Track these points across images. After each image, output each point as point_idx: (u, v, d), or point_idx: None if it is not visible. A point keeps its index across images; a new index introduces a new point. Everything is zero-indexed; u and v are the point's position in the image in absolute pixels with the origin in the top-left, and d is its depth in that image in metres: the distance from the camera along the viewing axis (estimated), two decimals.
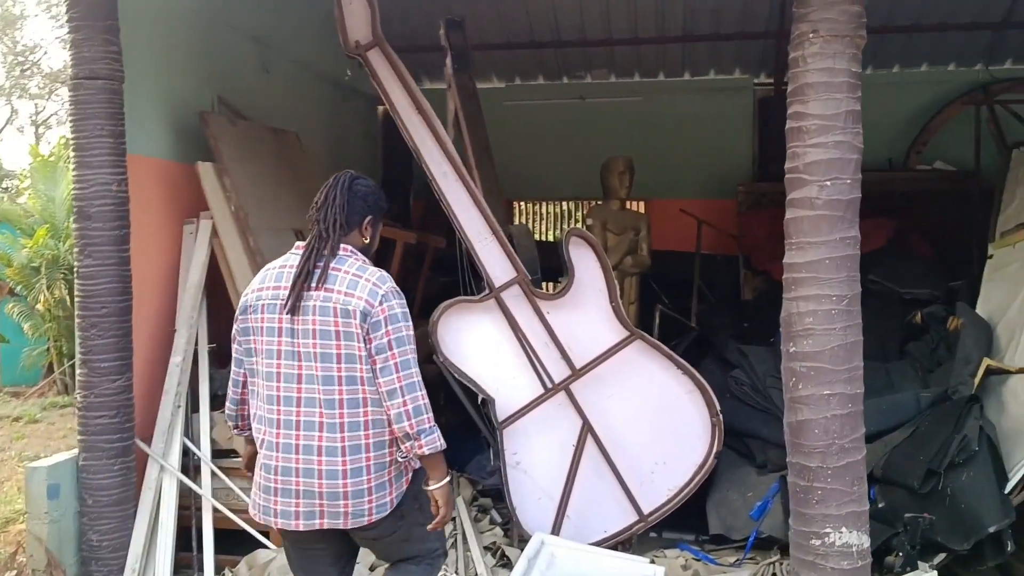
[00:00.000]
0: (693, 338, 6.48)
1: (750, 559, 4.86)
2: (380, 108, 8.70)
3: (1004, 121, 7.49)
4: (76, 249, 4.31)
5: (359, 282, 2.75)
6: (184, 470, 4.62)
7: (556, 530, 4.82)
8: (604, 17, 7.47)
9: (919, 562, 4.34)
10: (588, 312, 4.85)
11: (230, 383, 2.97)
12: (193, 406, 4.78)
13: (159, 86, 5.03)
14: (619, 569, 4.46)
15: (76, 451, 4.39)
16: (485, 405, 4.88)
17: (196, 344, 4.80)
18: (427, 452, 2.75)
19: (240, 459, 4.77)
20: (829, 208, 3.57)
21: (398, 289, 2.86)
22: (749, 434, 5.33)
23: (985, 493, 4.29)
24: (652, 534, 5.07)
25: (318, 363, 2.70)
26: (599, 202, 6.73)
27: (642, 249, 6.46)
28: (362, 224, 2.91)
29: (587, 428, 4.86)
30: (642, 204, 8.26)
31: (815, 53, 3.54)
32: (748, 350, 5.55)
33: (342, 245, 2.81)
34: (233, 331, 2.91)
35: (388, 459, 2.79)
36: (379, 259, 6.93)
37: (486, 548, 4.88)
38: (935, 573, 4.22)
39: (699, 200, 8.03)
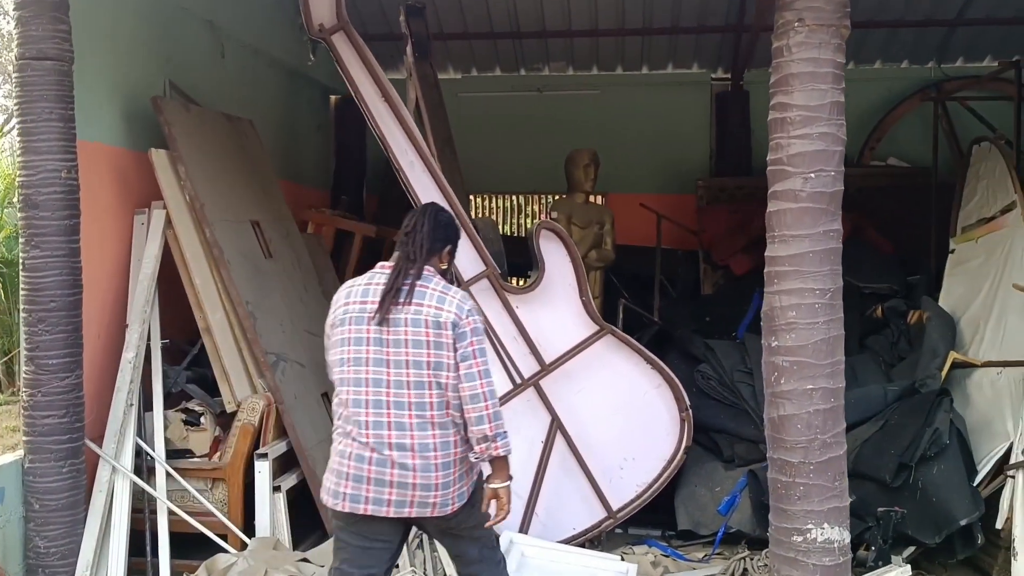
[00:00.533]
0: (655, 332, 6.43)
1: (718, 554, 4.83)
2: (333, 98, 8.48)
3: (961, 117, 7.58)
4: (22, 240, 4.07)
5: (446, 298, 3.06)
6: (137, 471, 4.41)
7: (525, 528, 4.73)
8: (564, 8, 7.38)
9: (891, 556, 4.35)
10: (558, 306, 4.77)
11: (337, 389, 3.19)
12: (146, 404, 4.57)
13: (109, 69, 4.79)
14: (591, 567, 4.39)
15: (21, 453, 4.14)
16: None
17: (149, 340, 4.59)
18: (501, 453, 3.06)
19: (196, 459, 4.60)
20: (813, 200, 3.53)
21: (478, 307, 3.23)
22: (716, 429, 5.30)
23: (956, 486, 4.32)
24: (619, 530, 5.02)
25: (410, 370, 2.99)
26: (562, 195, 6.64)
27: (607, 243, 6.39)
28: (443, 251, 3.22)
29: (556, 424, 4.77)
30: (599, 198, 8.19)
31: (800, 43, 3.49)
32: (714, 344, 5.51)
33: (425, 267, 3.10)
34: (326, 346, 3.17)
35: (467, 454, 3.09)
36: (336, 252, 6.81)
37: None
38: (908, 568, 4.22)
39: (658, 195, 7.98)
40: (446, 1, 7.22)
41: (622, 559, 4.79)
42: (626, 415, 4.83)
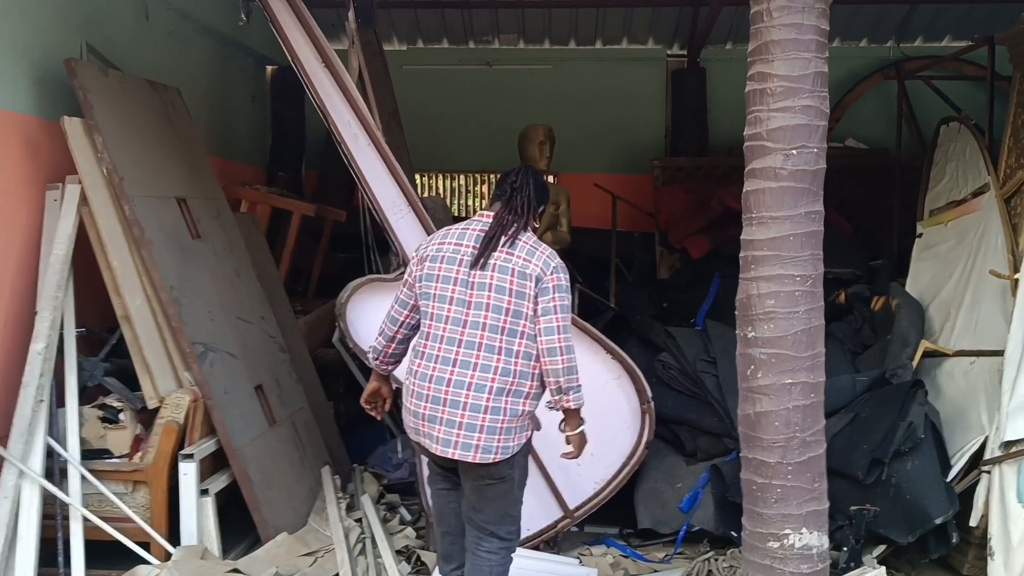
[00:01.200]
0: (611, 318, 6.16)
1: (680, 554, 4.61)
2: (269, 68, 8.00)
3: (919, 97, 7.43)
4: None
5: (536, 252, 3.21)
6: (48, 474, 3.99)
7: None
8: None
9: (865, 556, 4.15)
10: None
11: (387, 320, 3.37)
12: (58, 400, 4.13)
13: (18, 30, 4.30)
14: (550, 571, 4.12)
15: None
16: (399, 395, 4.40)
17: (62, 329, 4.15)
18: (573, 406, 3.25)
19: (115, 460, 4.19)
20: (794, 179, 3.24)
21: (564, 265, 3.28)
22: (678, 421, 5.06)
23: (930, 483, 4.13)
24: (575, 529, 4.76)
25: (489, 312, 3.14)
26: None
27: (562, 224, 6.09)
28: (538, 210, 3.37)
29: None
30: (551, 178, 7.88)
31: (781, 7, 3.19)
32: (676, 332, 5.25)
33: (521, 226, 3.26)
34: (408, 274, 3.33)
35: (522, 410, 3.18)
36: (272, 233, 6.38)
37: (399, 552, 4.43)
38: (882, 570, 4.02)
39: (613, 175, 7.74)
40: None
41: (580, 560, 4.55)
42: (585, 408, 4.54)
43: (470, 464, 3.16)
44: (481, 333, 3.13)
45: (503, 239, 3.20)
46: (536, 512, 4.53)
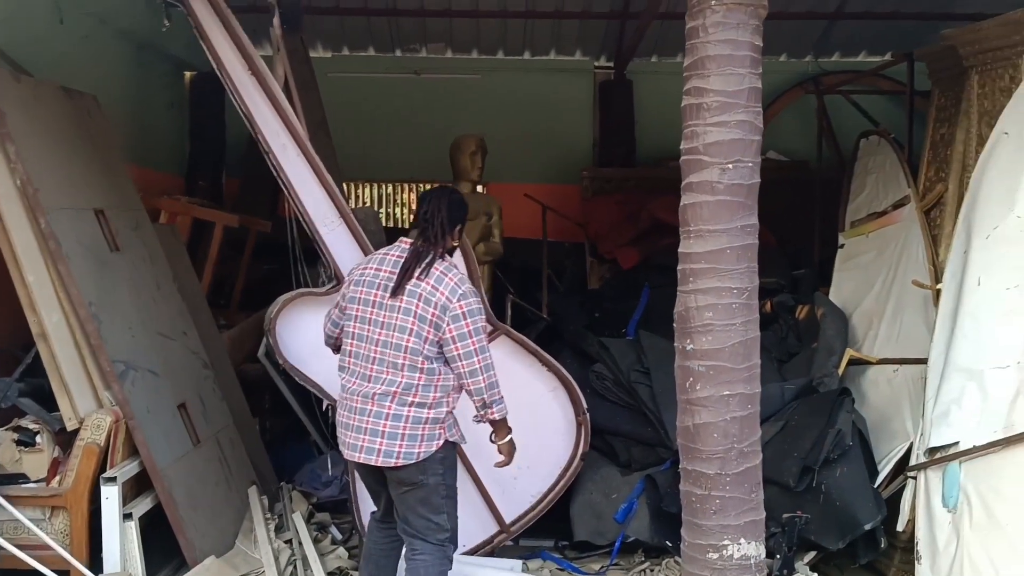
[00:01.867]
0: (543, 329, 6.14)
1: (616, 565, 4.61)
2: (188, 74, 7.77)
3: (837, 112, 7.63)
4: None
5: (444, 279, 3.43)
6: None
7: None
8: None
9: (796, 564, 4.20)
10: None
11: (329, 324, 3.67)
12: None
13: None
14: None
15: None
16: (331, 412, 4.30)
17: None
18: (498, 417, 3.56)
19: (32, 485, 4.00)
20: (730, 193, 3.28)
21: (474, 288, 3.55)
22: (612, 432, 5.05)
23: (859, 489, 4.21)
24: (511, 543, 4.72)
25: (395, 332, 3.40)
26: (448, 185, 6.26)
27: (494, 235, 6.06)
28: (454, 231, 3.58)
29: None
30: (481, 188, 7.83)
31: (717, 23, 3.23)
32: (609, 343, 5.26)
33: (435, 249, 3.49)
34: (340, 296, 3.62)
35: (425, 417, 3.41)
36: (193, 244, 6.18)
37: (330, 574, 4.33)
38: None
39: (543, 185, 7.73)
40: None
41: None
42: (520, 421, 4.43)
43: (386, 470, 3.44)
44: (390, 352, 3.40)
45: (417, 269, 3.44)
46: (472, 527, 4.47)
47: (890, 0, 6.99)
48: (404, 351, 3.38)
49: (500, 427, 3.61)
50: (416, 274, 3.41)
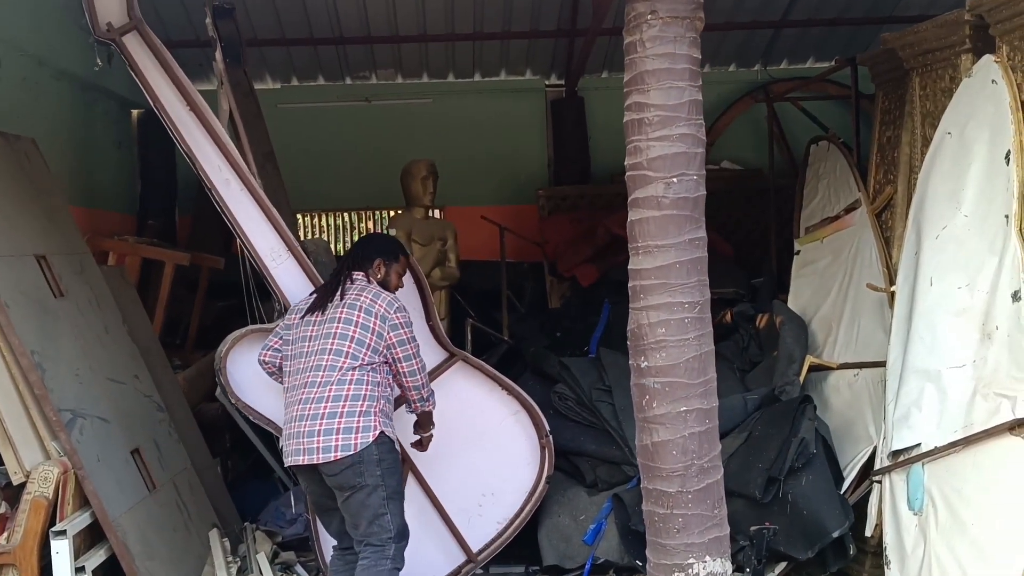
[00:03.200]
0: (504, 351, 6.09)
1: None
2: (135, 112, 7.66)
3: (789, 119, 7.69)
4: None
5: (381, 294, 3.84)
6: None
7: None
8: (388, 11, 6.93)
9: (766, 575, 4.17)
10: None
11: (269, 352, 3.91)
12: None
13: None
14: None
15: None
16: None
17: None
18: (431, 408, 4.00)
19: None
20: (676, 207, 3.26)
21: (403, 305, 3.90)
22: (576, 452, 4.98)
23: (825, 497, 4.19)
24: (480, 571, 4.63)
25: (335, 340, 3.70)
26: (400, 211, 6.21)
27: (450, 260, 6.00)
28: (373, 264, 3.94)
29: (407, 465, 4.34)
30: (437, 212, 7.79)
31: (654, 37, 3.23)
32: (569, 362, 5.21)
33: (360, 274, 3.89)
34: (280, 326, 3.96)
35: (358, 413, 3.63)
36: (143, 284, 6.07)
37: None
38: None
39: (499, 206, 7.68)
40: (258, 3, 6.62)
41: None
42: (482, 448, 4.49)
43: (327, 478, 3.64)
44: (327, 358, 3.68)
45: (350, 286, 3.82)
46: (437, 560, 4.42)
47: (833, 6, 7.05)
48: (344, 356, 3.67)
49: (426, 419, 4.05)
50: (349, 291, 3.79)
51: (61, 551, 3.76)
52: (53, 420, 3.95)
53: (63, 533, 3.77)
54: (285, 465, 3.83)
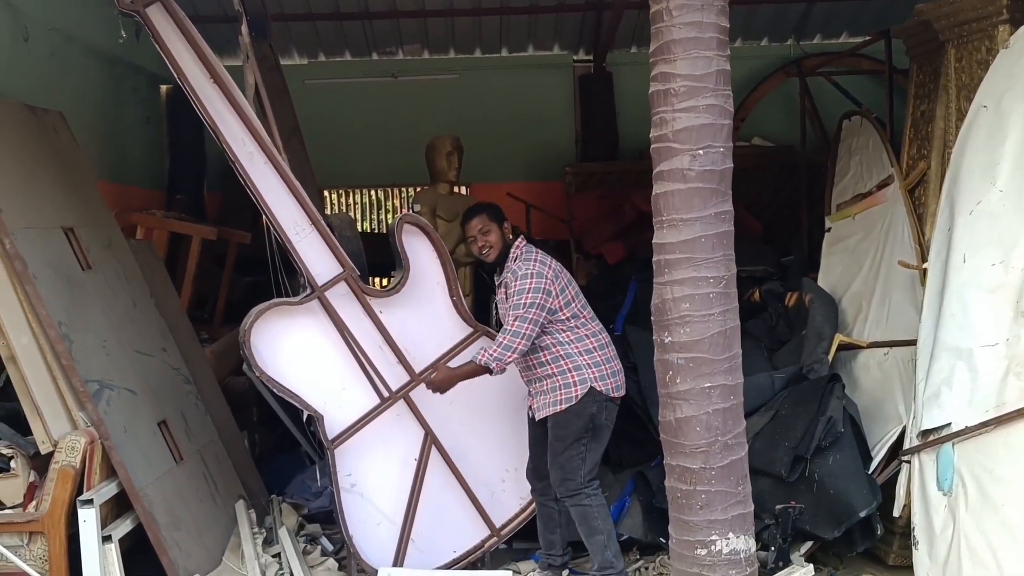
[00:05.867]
0: None
1: None
2: (164, 88, 7.69)
3: (822, 94, 7.55)
4: None
5: None
6: None
7: (400, 557, 4.30)
8: None
9: (792, 555, 4.13)
10: (426, 309, 4.34)
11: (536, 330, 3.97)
12: None
13: None
14: None
15: None
16: (311, 422, 4.23)
17: None
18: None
19: (7, 511, 3.92)
20: (702, 180, 3.20)
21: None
22: None
23: (853, 476, 4.14)
24: (504, 545, 4.64)
25: None
26: (424, 187, 6.19)
27: None
28: None
29: (430, 439, 4.34)
30: (463, 189, 7.75)
31: (681, 5, 3.16)
32: None
33: None
34: (550, 288, 4.01)
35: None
36: (171, 259, 6.10)
37: None
38: (810, 568, 4.01)
39: (525, 183, 7.65)
40: None
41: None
42: (504, 423, 4.46)
43: (616, 407, 4.11)
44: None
45: None
46: (461, 534, 4.42)
47: None
48: None
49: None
50: None
51: (88, 520, 3.80)
52: (80, 391, 3.99)
53: (90, 502, 3.81)
54: (613, 395, 4.01)
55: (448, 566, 4.35)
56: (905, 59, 5.17)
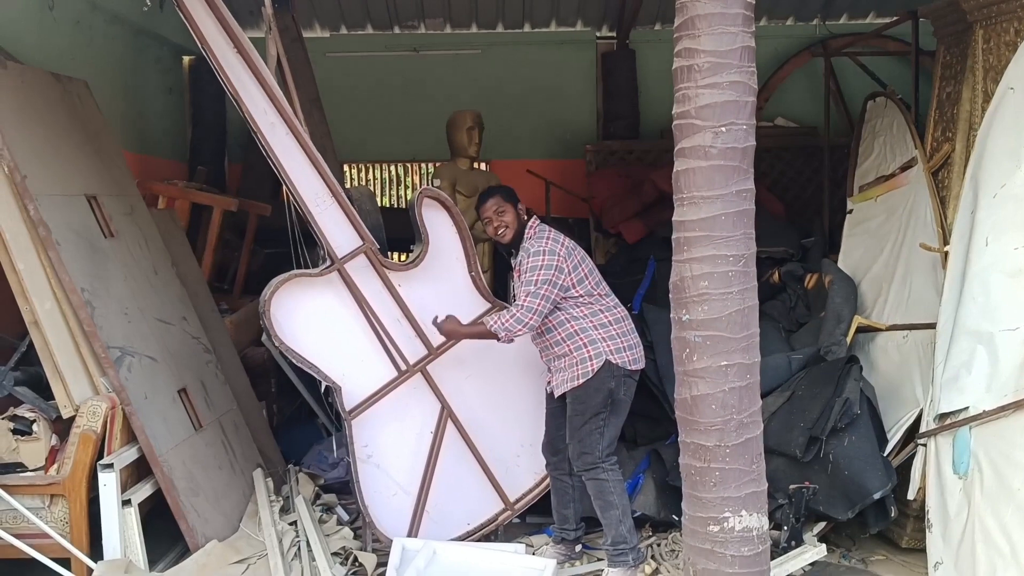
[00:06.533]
0: None
1: None
2: (186, 59, 7.71)
3: (847, 75, 7.47)
4: None
5: None
6: None
7: (415, 528, 4.33)
8: None
9: (805, 535, 4.13)
10: (445, 283, 4.36)
11: (547, 306, 3.98)
12: None
13: None
14: (506, 563, 4.03)
15: None
16: (329, 393, 4.27)
17: None
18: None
19: (29, 473, 3.99)
20: (724, 157, 3.16)
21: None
22: None
23: (868, 458, 4.12)
24: (517, 520, 4.67)
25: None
26: (444, 162, 6.18)
27: None
28: None
29: (446, 413, 4.37)
30: (483, 165, 7.74)
31: None
32: None
33: None
34: (563, 265, 3.99)
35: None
36: (192, 229, 6.14)
37: (335, 554, 4.29)
38: (823, 547, 4.01)
39: (545, 160, 7.64)
40: None
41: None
42: (520, 398, 4.48)
43: (634, 380, 4.15)
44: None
45: None
46: (475, 506, 4.45)
47: None
48: None
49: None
50: None
51: (108, 483, 3.86)
52: (102, 357, 4.04)
53: (110, 466, 3.87)
54: (630, 367, 4.04)
55: (462, 538, 4.38)
56: (932, 40, 5.11)
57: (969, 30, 4.50)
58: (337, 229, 4.20)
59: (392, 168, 8.99)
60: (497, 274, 6.25)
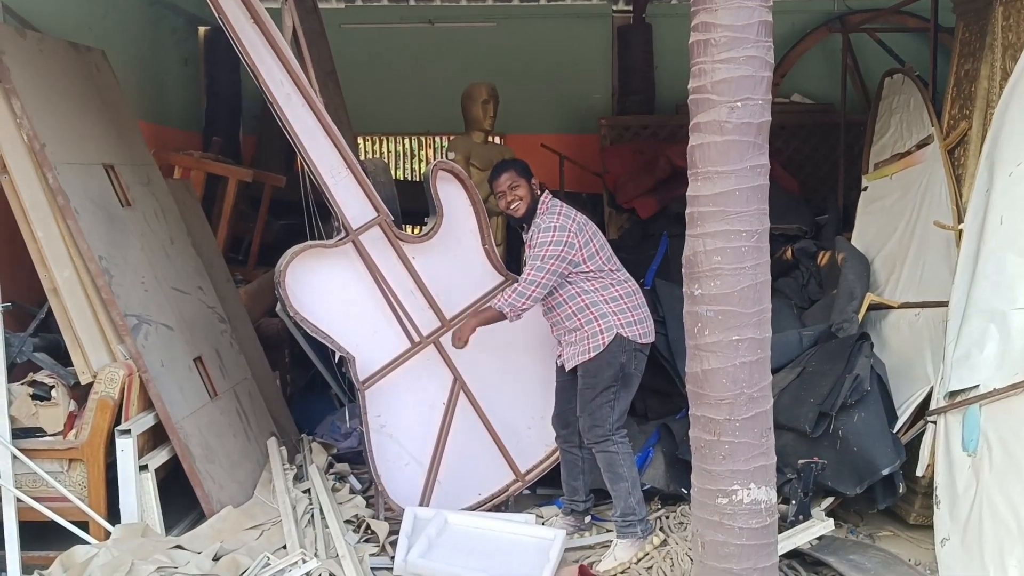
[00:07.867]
0: None
1: None
2: (202, 30, 7.72)
3: (864, 52, 7.41)
4: None
5: None
6: None
7: (427, 497, 4.39)
8: None
9: (813, 510, 4.16)
10: (458, 256, 4.38)
11: (556, 278, 4.02)
12: None
13: None
14: (516, 533, 4.08)
15: None
16: (343, 363, 4.31)
17: None
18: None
19: (48, 438, 4.04)
20: (739, 132, 3.16)
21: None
22: None
23: (877, 434, 4.15)
24: (527, 491, 4.73)
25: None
26: (459, 135, 6.18)
27: None
28: None
29: (459, 384, 4.41)
30: (497, 139, 7.73)
31: None
32: None
33: None
34: (573, 240, 4.01)
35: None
36: (207, 200, 6.18)
37: (347, 522, 4.34)
38: (830, 521, 4.04)
39: (560, 135, 7.63)
40: None
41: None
42: (531, 371, 4.52)
43: (646, 354, 4.17)
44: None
45: None
46: (487, 477, 4.51)
47: None
48: None
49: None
50: None
51: (126, 448, 3.92)
52: (119, 324, 4.09)
53: (128, 432, 3.93)
54: (641, 341, 4.05)
55: (473, 508, 4.44)
56: (951, 17, 5.07)
57: (989, 7, 4.46)
58: (352, 201, 4.22)
59: (406, 141, 9.00)
60: (510, 247, 6.27)
